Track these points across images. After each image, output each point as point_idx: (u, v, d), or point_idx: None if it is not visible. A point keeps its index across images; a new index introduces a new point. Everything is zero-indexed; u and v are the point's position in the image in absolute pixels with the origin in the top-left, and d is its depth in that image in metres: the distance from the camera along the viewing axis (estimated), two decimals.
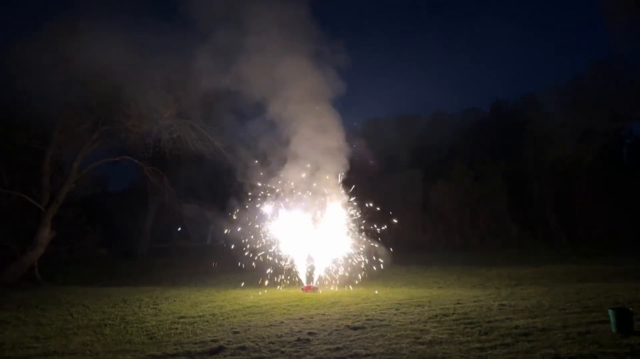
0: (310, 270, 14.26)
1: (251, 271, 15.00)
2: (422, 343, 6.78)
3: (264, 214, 14.47)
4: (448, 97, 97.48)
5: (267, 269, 14.34)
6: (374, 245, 14.87)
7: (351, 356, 6.33)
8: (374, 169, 30.12)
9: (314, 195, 14.35)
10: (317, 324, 8.40)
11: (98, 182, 27.45)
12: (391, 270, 16.49)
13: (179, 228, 35.54)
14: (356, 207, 14.71)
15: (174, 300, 11.92)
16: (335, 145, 14.48)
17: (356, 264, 14.58)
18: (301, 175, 14.31)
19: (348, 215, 14.49)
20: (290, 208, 14.31)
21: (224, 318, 9.30)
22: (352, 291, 13.06)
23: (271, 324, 8.52)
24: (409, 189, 33.54)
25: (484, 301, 10.27)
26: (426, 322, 8.20)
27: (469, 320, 8.19)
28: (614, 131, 28.60)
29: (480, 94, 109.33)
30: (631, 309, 7.18)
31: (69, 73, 16.00)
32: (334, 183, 14.42)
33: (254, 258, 14.49)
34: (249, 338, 7.43)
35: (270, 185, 14.51)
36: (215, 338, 7.51)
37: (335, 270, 14.39)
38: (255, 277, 14.79)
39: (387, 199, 30.28)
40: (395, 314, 9.10)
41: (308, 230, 14.16)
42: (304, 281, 14.10)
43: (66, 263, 22.71)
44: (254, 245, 14.33)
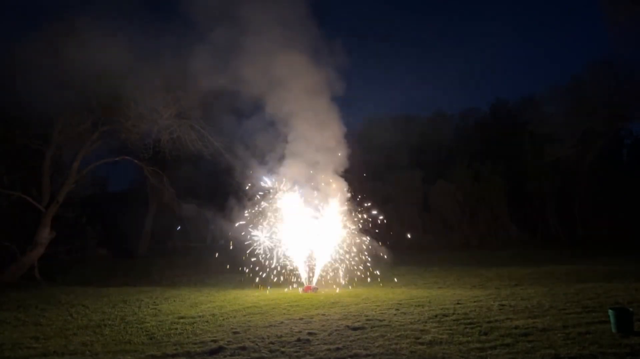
0: (310, 270, 14.26)
1: (251, 271, 15.00)
2: (422, 343, 6.79)
3: (263, 213, 14.46)
4: (448, 97, 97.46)
5: (267, 269, 14.35)
6: (374, 245, 14.87)
7: (351, 356, 6.34)
8: (371, 167, 30.05)
9: (314, 193, 14.35)
10: (317, 324, 8.41)
11: (98, 182, 27.42)
12: (391, 270, 16.49)
13: (179, 227, 35.48)
14: (356, 207, 14.71)
15: (174, 300, 11.92)
16: (335, 143, 14.49)
17: (356, 264, 14.59)
18: (301, 173, 14.31)
19: (348, 215, 14.49)
20: (289, 207, 14.30)
21: (223, 318, 9.31)
22: (352, 291, 13.05)
23: (271, 325, 8.52)
24: (409, 189, 33.52)
25: (484, 301, 10.27)
26: (426, 322, 8.21)
27: (469, 320, 8.19)
28: (614, 131, 28.61)
29: (479, 94, 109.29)
30: (631, 309, 7.19)
31: (69, 74, 15.99)
32: (334, 182, 14.42)
33: (254, 258, 14.49)
34: (248, 338, 7.43)
35: (269, 184, 14.52)
36: (215, 338, 7.52)
37: (335, 270, 14.39)
38: (255, 277, 14.79)
39: (387, 199, 30.32)
40: (395, 314, 9.11)
41: (308, 229, 14.15)
42: (304, 281, 14.10)
43: (66, 263, 22.67)
44: (253, 244, 14.33)
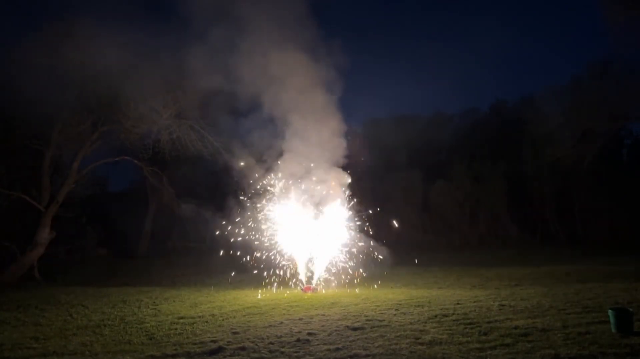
0: (309, 271, 14.25)
1: (251, 271, 15.00)
2: (422, 344, 6.78)
3: (263, 213, 14.46)
4: (447, 97, 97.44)
5: (267, 269, 14.34)
6: (374, 245, 14.87)
7: (351, 356, 6.33)
8: (371, 167, 30.08)
9: (313, 192, 14.34)
10: (317, 324, 8.40)
11: (98, 182, 27.34)
12: (391, 270, 16.49)
13: (179, 228, 35.45)
14: (356, 207, 14.70)
15: (174, 301, 11.91)
16: (335, 142, 14.49)
17: (355, 264, 14.58)
18: (300, 172, 14.31)
19: (348, 215, 14.49)
20: (289, 207, 14.30)
21: (223, 319, 9.30)
22: (352, 291, 13.05)
23: (271, 325, 8.52)
24: (409, 189, 33.53)
25: (483, 301, 10.27)
26: (426, 322, 8.20)
27: (468, 320, 8.19)
28: (614, 131, 28.56)
29: (479, 94, 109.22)
30: (631, 309, 7.19)
31: (69, 74, 16.01)
32: (334, 181, 14.41)
33: (254, 258, 14.48)
34: (248, 339, 7.43)
35: (269, 183, 14.51)
36: (214, 338, 7.51)
37: (335, 270, 14.39)
38: (255, 277, 14.79)
39: (387, 199, 30.31)
40: (395, 314, 9.11)
41: (308, 228, 14.14)
42: (304, 281, 14.09)
43: (66, 263, 22.68)
44: (253, 244, 14.33)
